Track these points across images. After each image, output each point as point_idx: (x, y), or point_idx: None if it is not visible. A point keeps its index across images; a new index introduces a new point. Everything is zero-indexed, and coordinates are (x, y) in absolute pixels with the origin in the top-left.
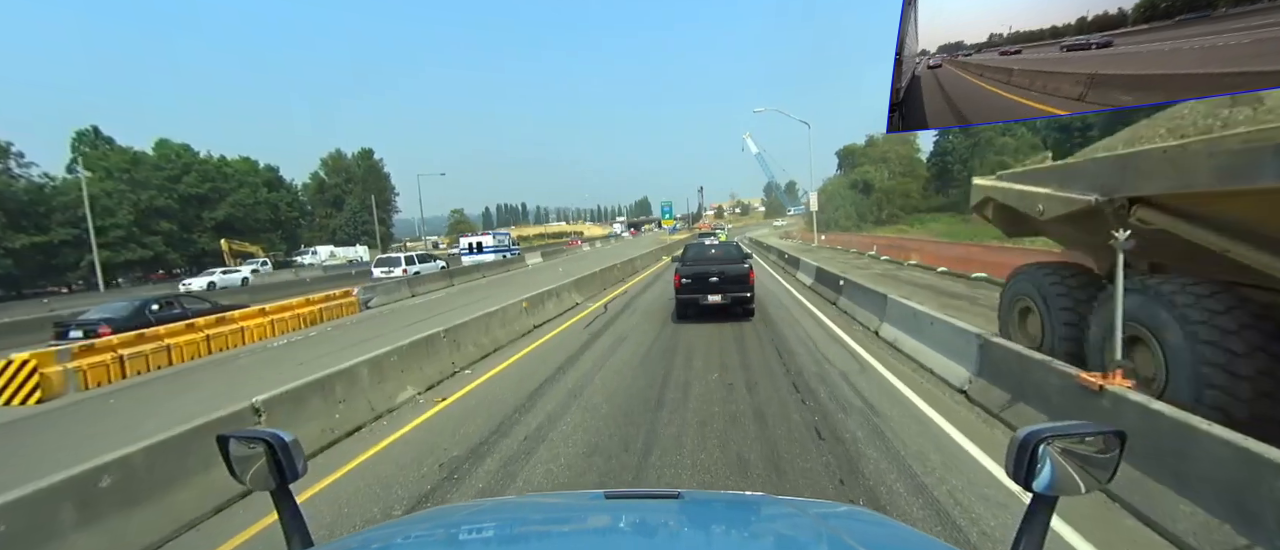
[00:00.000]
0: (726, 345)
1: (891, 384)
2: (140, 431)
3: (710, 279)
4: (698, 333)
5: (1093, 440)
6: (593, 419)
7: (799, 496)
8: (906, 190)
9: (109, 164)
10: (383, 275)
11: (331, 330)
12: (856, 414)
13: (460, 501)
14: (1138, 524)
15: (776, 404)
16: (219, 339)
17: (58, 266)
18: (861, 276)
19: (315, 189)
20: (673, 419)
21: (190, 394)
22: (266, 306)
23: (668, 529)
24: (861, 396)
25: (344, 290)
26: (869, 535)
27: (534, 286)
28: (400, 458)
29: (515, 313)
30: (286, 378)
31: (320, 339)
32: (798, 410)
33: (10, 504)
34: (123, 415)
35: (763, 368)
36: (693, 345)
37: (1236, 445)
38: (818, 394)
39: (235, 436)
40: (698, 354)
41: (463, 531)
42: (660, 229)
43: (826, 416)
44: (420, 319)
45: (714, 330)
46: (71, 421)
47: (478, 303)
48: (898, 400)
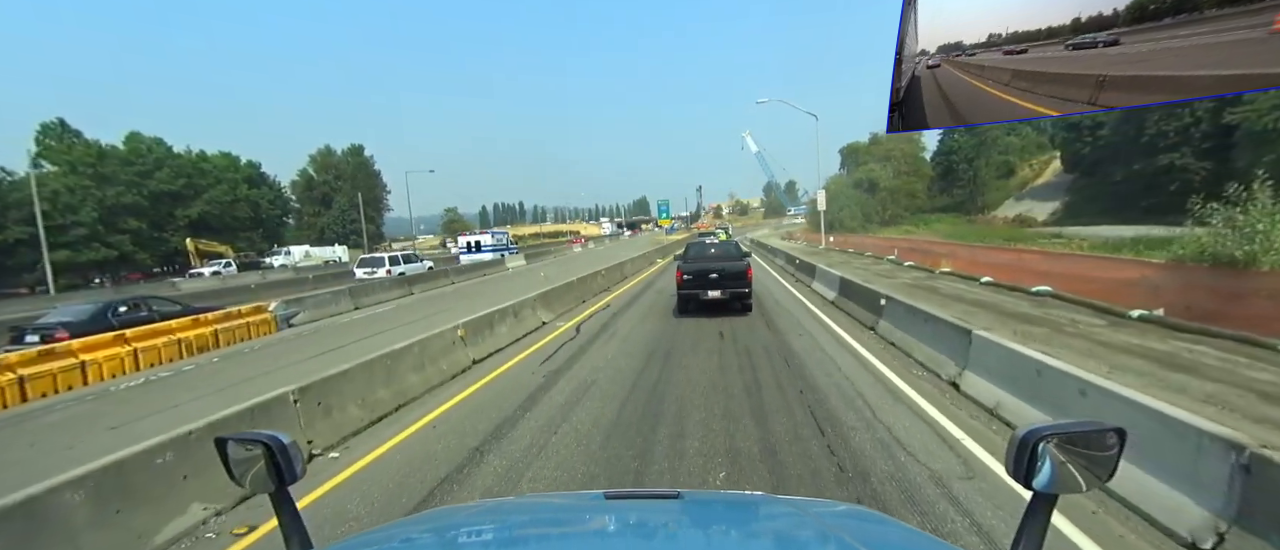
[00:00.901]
0: (735, 399)
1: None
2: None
3: (710, 275)
4: (695, 375)
5: (1092, 437)
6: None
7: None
8: (912, 190)
9: (73, 158)
10: (366, 276)
11: (219, 361)
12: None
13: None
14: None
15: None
16: (42, 381)
17: (14, 267)
18: (891, 288)
19: (303, 186)
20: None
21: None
22: (128, 332)
23: (667, 530)
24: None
25: (255, 306)
26: (870, 535)
27: (500, 297)
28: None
29: (442, 347)
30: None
31: (193, 377)
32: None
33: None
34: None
35: (794, 448)
36: (687, 401)
37: None
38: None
39: (233, 439)
40: (693, 419)
41: (462, 533)
42: (658, 229)
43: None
44: (336, 347)
45: (717, 367)
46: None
47: (428, 319)
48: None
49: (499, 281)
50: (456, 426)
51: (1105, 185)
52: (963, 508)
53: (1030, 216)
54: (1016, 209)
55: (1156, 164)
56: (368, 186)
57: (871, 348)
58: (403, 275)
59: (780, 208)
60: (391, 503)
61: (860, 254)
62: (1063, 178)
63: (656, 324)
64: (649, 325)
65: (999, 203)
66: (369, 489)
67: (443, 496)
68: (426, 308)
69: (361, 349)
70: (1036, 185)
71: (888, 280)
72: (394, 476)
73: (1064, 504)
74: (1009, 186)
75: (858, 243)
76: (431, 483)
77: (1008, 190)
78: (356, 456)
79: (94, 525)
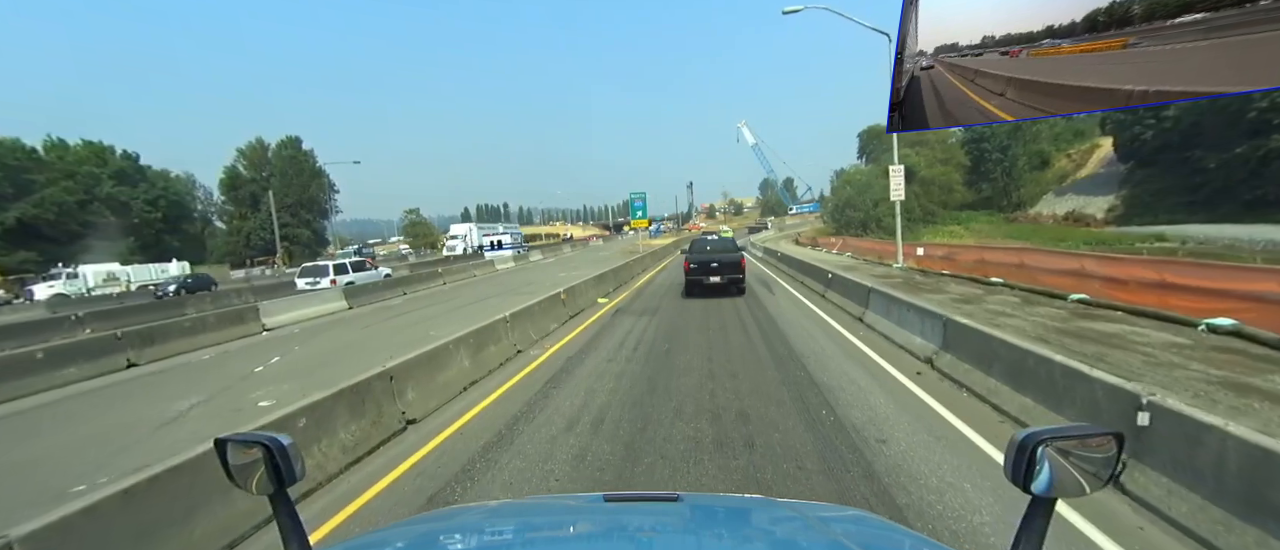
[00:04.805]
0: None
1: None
2: None
3: (711, 264)
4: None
5: (1091, 441)
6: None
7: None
8: (948, 180)
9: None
10: (308, 287)
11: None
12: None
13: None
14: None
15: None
16: None
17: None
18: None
19: (229, 185)
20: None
21: None
22: None
23: (667, 532)
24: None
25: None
26: (870, 539)
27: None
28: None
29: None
30: None
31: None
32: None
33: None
34: None
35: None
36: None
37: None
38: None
39: (233, 441)
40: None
41: (461, 535)
42: (629, 233)
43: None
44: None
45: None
46: None
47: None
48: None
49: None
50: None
51: (1174, 176)
52: None
53: (1085, 213)
54: (1059, 205)
55: (1271, 146)
56: (308, 185)
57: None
58: (352, 285)
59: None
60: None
61: (988, 283)
62: (1111, 168)
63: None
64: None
65: (1036, 198)
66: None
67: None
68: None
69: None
70: (1080, 178)
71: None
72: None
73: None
74: (1045, 179)
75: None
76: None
77: (1043, 184)
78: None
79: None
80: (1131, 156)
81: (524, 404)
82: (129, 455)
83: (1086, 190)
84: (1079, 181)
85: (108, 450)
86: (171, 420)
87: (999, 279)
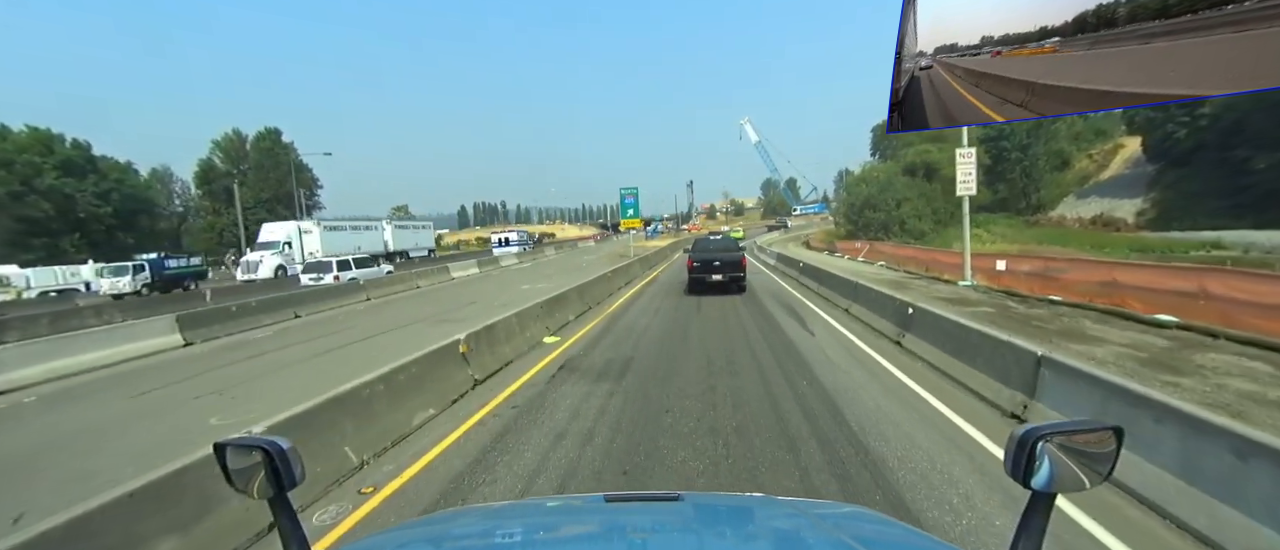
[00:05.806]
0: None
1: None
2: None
3: (714, 263)
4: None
5: (1091, 436)
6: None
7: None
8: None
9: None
10: (312, 282)
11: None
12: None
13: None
14: None
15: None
16: None
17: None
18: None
19: (202, 179)
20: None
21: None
22: None
23: (668, 532)
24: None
25: None
26: (870, 535)
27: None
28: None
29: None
30: None
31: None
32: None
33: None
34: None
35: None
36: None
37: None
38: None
39: (232, 445)
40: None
41: (461, 537)
42: (617, 234)
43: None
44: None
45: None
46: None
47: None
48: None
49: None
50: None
51: (1212, 177)
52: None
53: (1114, 217)
54: (1082, 208)
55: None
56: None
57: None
58: (355, 281)
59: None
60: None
61: (1152, 323)
62: (1138, 169)
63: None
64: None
65: (1056, 200)
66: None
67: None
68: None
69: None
70: (1103, 180)
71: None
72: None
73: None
74: (1065, 181)
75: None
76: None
77: (1064, 185)
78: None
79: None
80: (1162, 157)
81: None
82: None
83: (1110, 192)
84: (1102, 183)
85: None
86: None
87: (1170, 316)
